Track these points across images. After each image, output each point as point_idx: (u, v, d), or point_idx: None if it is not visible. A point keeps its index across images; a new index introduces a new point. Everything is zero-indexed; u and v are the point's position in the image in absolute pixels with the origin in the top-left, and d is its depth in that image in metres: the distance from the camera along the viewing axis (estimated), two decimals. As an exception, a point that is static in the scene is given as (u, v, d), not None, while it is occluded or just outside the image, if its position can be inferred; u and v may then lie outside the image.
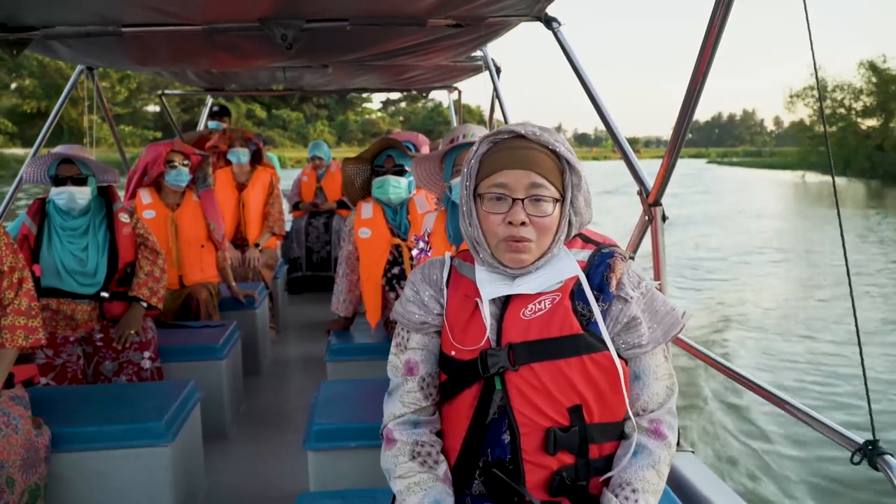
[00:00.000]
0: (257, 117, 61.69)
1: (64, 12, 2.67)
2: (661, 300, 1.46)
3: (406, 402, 1.49)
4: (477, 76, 5.56)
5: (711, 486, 2.07)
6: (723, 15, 1.91)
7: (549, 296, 1.41)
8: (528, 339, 1.39)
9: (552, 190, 1.39)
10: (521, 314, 1.41)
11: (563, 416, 1.39)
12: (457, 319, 1.46)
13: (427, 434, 1.49)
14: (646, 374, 1.45)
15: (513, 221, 1.37)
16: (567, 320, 1.39)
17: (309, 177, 6.82)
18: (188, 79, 5.39)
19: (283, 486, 3.01)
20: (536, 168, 1.38)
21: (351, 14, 2.82)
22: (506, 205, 1.38)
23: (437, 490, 1.41)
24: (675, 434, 1.47)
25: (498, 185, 1.39)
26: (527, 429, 1.39)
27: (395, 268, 3.32)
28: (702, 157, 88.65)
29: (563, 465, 1.40)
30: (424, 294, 1.51)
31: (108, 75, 40.94)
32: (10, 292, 2.43)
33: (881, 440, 1.52)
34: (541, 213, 1.38)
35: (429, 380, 1.51)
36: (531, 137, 1.40)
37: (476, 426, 1.43)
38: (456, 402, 1.46)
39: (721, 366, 2.22)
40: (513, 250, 1.38)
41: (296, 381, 4.49)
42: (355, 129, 70.77)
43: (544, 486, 1.41)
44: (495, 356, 1.39)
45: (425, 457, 1.46)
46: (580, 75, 2.84)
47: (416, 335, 1.52)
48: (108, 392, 2.88)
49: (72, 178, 3.13)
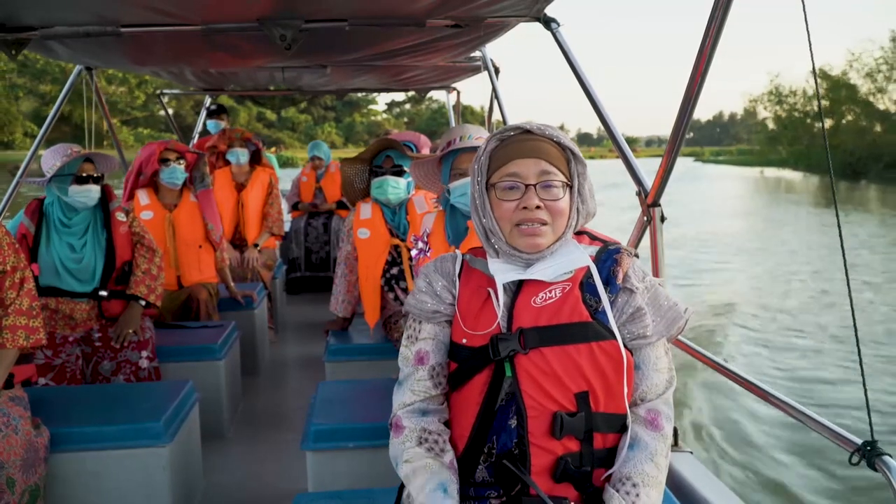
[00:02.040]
0: (267, 120, 64.34)
1: (63, 12, 2.67)
2: (665, 295, 1.51)
3: (416, 389, 1.52)
4: (476, 76, 5.56)
5: (710, 486, 2.07)
6: (721, 15, 1.92)
7: (560, 285, 1.46)
8: (539, 324, 1.43)
9: (561, 176, 1.46)
10: (531, 301, 1.45)
11: (570, 401, 1.42)
12: (469, 308, 1.50)
13: (435, 423, 1.51)
14: (646, 365, 1.49)
15: (527, 206, 1.43)
16: (577, 308, 1.43)
17: (308, 177, 6.82)
18: (186, 79, 5.39)
19: (281, 486, 3.01)
20: (545, 156, 1.46)
21: (350, 14, 2.82)
22: (519, 192, 1.45)
23: (444, 475, 1.43)
24: (672, 426, 1.50)
25: (510, 175, 1.45)
26: (535, 412, 1.42)
27: (394, 268, 3.32)
28: (696, 157, 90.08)
29: (567, 451, 1.43)
30: (437, 284, 1.55)
31: (126, 81, 41.51)
32: (11, 292, 2.43)
33: (879, 441, 1.52)
34: (553, 196, 1.44)
35: (438, 369, 1.54)
36: (537, 132, 1.48)
37: (485, 412, 1.46)
38: (465, 389, 1.49)
39: (719, 366, 2.23)
40: (527, 234, 1.44)
41: (294, 382, 4.49)
42: (361, 131, 73.24)
43: (549, 472, 1.43)
44: (506, 340, 1.42)
45: (432, 444, 1.48)
46: (579, 75, 2.85)
47: (428, 325, 1.55)
48: (106, 392, 2.88)
49: (92, 178, 3.15)
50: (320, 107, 68.56)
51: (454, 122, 7.06)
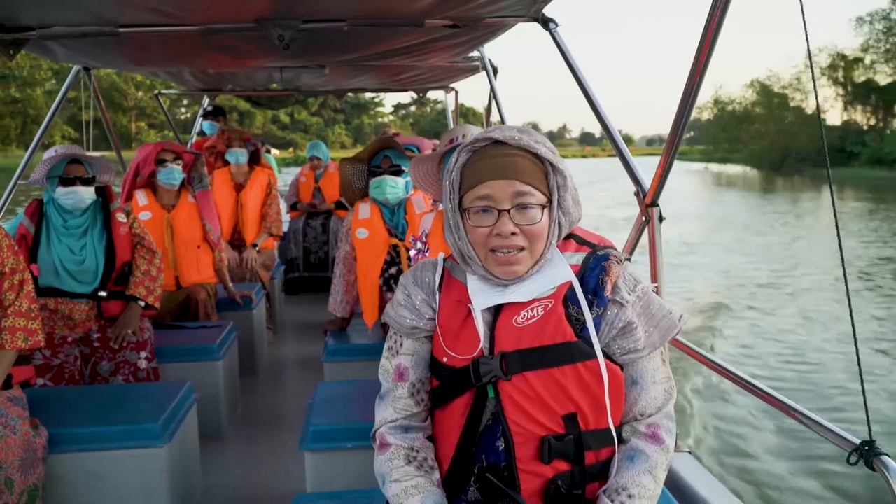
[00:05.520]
0: (282, 122, 68.87)
1: (61, 13, 2.67)
2: (658, 303, 1.44)
3: (397, 407, 1.48)
4: (475, 77, 5.56)
5: (709, 487, 2.07)
6: (719, 14, 1.92)
7: (542, 302, 1.37)
8: (521, 347, 1.36)
9: (538, 195, 1.35)
10: (513, 321, 1.38)
11: (557, 424, 1.37)
12: (449, 325, 1.43)
13: (420, 439, 1.47)
14: (643, 379, 1.43)
15: (501, 233, 1.33)
16: (560, 327, 1.36)
17: (307, 177, 6.81)
18: (185, 79, 5.39)
19: (279, 486, 3.01)
20: (519, 176, 1.34)
21: (348, 14, 2.82)
22: (492, 217, 1.34)
23: (436, 494, 1.40)
24: (674, 438, 1.45)
25: (482, 198, 1.34)
26: (521, 438, 1.37)
27: (393, 268, 3.32)
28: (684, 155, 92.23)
29: (558, 473, 1.38)
30: (416, 298, 1.47)
31: (153, 87, 42.05)
32: (10, 294, 2.43)
33: (877, 440, 1.52)
34: (529, 220, 1.34)
35: (419, 385, 1.49)
36: (510, 143, 1.36)
37: (468, 433, 1.41)
38: (448, 408, 1.44)
39: (717, 366, 2.22)
40: (503, 262, 1.35)
41: (292, 382, 4.49)
42: (369, 132, 76.41)
43: (540, 494, 1.39)
44: (487, 365, 1.36)
45: (421, 461, 1.44)
46: (577, 76, 2.85)
47: (407, 340, 1.50)
48: (104, 393, 2.87)
49: (80, 179, 3.13)
50: (330, 109, 72.53)
51: (452, 122, 7.07)
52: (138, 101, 15.33)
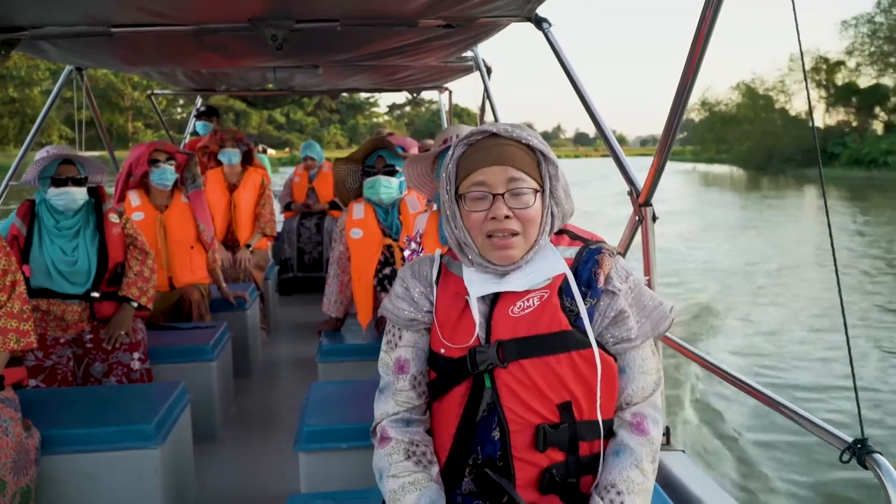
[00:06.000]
0: (278, 122, 69.12)
1: (53, 12, 2.66)
2: (649, 295, 1.47)
3: (399, 400, 1.50)
4: (468, 76, 5.56)
5: (702, 485, 2.08)
6: (712, 15, 1.92)
7: (538, 293, 1.42)
8: (517, 335, 1.40)
9: (531, 181, 1.41)
10: (509, 311, 1.41)
11: (552, 412, 1.39)
12: (446, 317, 1.46)
13: (420, 433, 1.49)
14: (631, 368, 1.46)
15: (496, 216, 1.39)
16: (555, 317, 1.40)
17: (301, 177, 6.81)
18: (178, 79, 5.37)
19: (273, 487, 3.00)
20: (512, 162, 1.41)
21: (341, 14, 2.82)
22: (487, 202, 1.40)
23: (433, 490, 1.41)
24: (660, 429, 1.47)
25: (477, 184, 1.41)
26: (517, 426, 1.39)
27: (387, 268, 3.31)
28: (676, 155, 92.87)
29: (553, 463, 1.40)
30: (414, 291, 1.51)
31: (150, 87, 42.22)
32: (2, 295, 2.41)
33: (869, 438, 1.53)
34: (523, 204, 1.40)
35: (420, 378, 1.51)
36: (504, 134, 1.43)
37: (466, 424, 1.44)
38: (445, 399, 1.47)
39: (709, 363, 2.23)
40: (499, 248, 1.40)
41: (286, 383, 4.48)
42: (364, 132, 78.15)
43: (535, 484, 1.41)
44: (484, 353, 1.40)
45: (420, 456, 1.46)
46: (571, 76, 2.85)
47: (406, 333, 1.52)
48: (97, 394, 2.87)
49: (72, 179, 3.12)
50: (326, 109, 72.04)
51: (446, 122, 7.07)
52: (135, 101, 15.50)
